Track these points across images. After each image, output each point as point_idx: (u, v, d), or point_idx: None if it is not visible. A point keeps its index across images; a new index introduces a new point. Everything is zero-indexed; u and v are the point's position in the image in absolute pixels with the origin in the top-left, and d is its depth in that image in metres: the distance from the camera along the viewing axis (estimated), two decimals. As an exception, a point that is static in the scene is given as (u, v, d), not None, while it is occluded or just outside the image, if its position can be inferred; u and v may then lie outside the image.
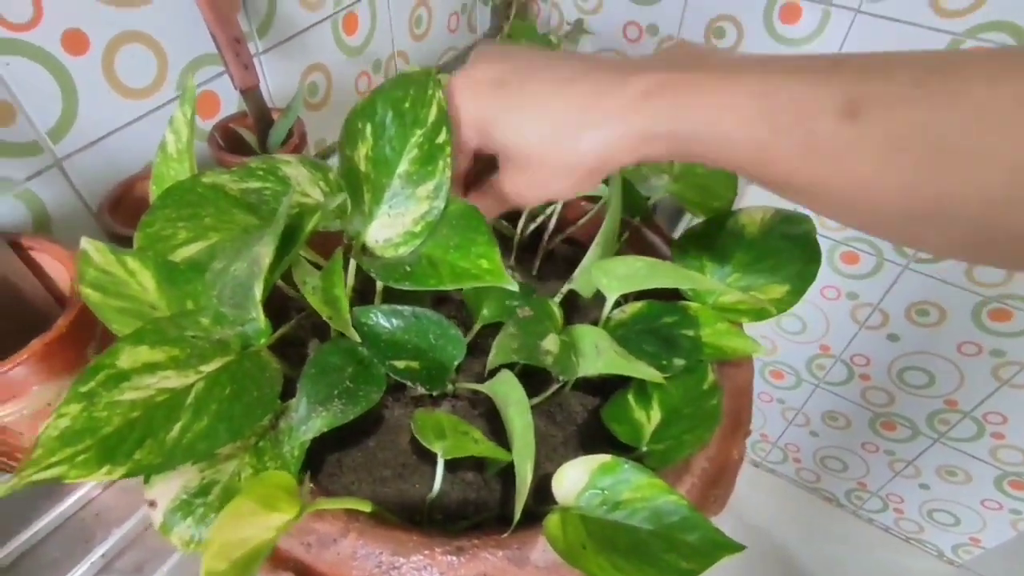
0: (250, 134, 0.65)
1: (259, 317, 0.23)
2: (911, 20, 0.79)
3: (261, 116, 0.64)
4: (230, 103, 0.68)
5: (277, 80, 0.72)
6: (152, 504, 0.24)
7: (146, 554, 0.48)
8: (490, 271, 0.28)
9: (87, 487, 0.51)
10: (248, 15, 0.66)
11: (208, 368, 0.24)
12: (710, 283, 0.29)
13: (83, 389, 0.20)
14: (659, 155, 0.26)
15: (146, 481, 0.24)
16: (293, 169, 0.35)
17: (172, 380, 0.22)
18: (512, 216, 0.44)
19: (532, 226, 0.44)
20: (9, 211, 0.51)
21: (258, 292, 0.23)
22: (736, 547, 0.25)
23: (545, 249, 0.45)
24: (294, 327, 0.35)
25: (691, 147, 0.25)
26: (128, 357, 0.21)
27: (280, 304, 0.37)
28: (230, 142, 0.64)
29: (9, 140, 0.49)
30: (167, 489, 0.24)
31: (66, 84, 0.52)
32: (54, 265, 0.48)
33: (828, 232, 1.07)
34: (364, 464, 0.34)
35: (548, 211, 0.44)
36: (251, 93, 0.63)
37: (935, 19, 0.77)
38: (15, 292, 0.46)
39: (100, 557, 0.48)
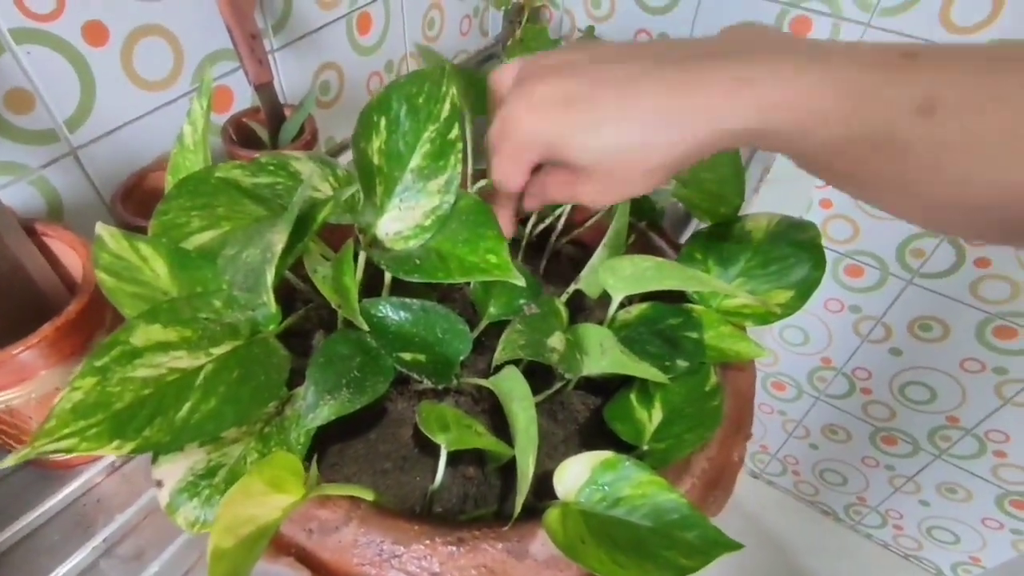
0: (262, 129, 0.66)
1: (270, 302, 0.23)
2: (921, 36, 0.79)
3: (274, 112, 0.65)
4: (244, 98, 0.69)
5: (290, 77, 0.73)
6: (159, 484, 0.25)
7: (146, 541, 0.48)
8: (498, 266, 0.28)
9: (90, 473, 0.52)
10: (264, 12, 0.66)
11: (218, 351, 0.24)
12: (717, 284, 0.29)
13: (98, 363, 0.20)
14: (733, 147, 0.25)
15: (154, 461, 0.25)
16: (303, 165, 0.35)
17: (183, 360, 0.23)
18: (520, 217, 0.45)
19: (540, 227, 0.45)
20: (24, 197, 0.52)
21: (270, 277, 0.23)
22: (735, 545, 0.25)
23: (551, 250, 0.45)
24: (301, 318, 0.36)
25: (765, 141, 0.24)
26: (142, 335, 0.22)
27: (287, 296, 0.38)
28: (242, 136, 0.65)
29: (27, 127, 0.50)
30: (174, 469, 0.25)
31: (84, 74, 0.52)
32: (66, 252, 0.48)
33: (833, 245, 1.07)
34: (365, 456, 0.34)
35: (556, 212, 0.45)
36: (265, 89, 0.63)
37: (945, 35, 0.78)
38: (27, 277, 0.46)
39: (101, 542, 0.48)
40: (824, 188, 1.00)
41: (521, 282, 0.28)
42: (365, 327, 0.29)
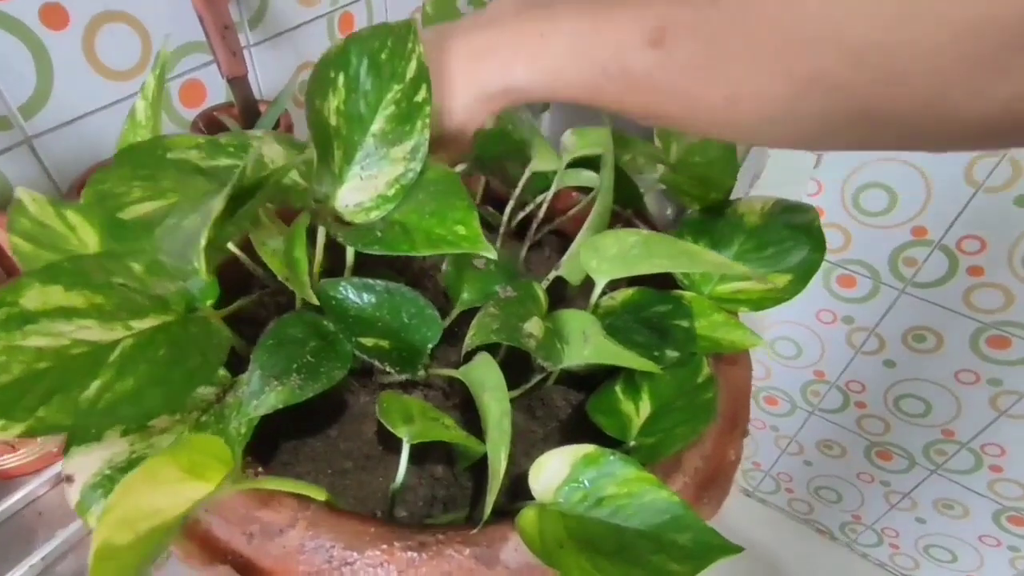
0: (235, 124, 0.63)
1: (201, 268, 0.20)
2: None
3: (247, 106, 0.62)
4: (217, 94, 0.66)
5: (267, 74, 0.70)
6: (69, 479, 0.21)
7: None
8: (467, 238, 0.25)
9: (33, 484, 0.48)
10: (240, 5, 0.64)
11: (141, 325, 0.21)
12: (712, 257, 0.27)
13: (-21, 327, 0.17)
14: (511, 104, 0.29)
15: (65, 452, 0.22)
16: (265, 145, 0.32)
17: (93, 332, 0.20)
18: (499, 204, 0.42)
19: (520, 215, 0.42)
20: (-29, 187, 0.49)
21: (203, 239, 0.20)
22: (733, 549, 0.22)
23: (532, 239, 0.42)
24: (254, 303, 0.32)
25: (529, 95, 0.28)
26: (37, 296, 0.19)
27: (242, 280, 0.35)
28: (213, 131, 0.62)
29: (-24, 112, 0.47)
30: (88, 462, 0.21)
31: (42, 59, 0.50)
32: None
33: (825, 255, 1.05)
34: (323, 454, 0.31)
35: (537, 200, 0.42)
36: (238, 82, 0.61)
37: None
38: (-33, 268, 0.43)
39: (40, 560, 0.44)
40: (816, 195, 0.99)
41: (492, 254, 0.25)
42: (315, 300, 0.26)
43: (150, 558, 0.16)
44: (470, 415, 0.33)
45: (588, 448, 0.25)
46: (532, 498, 0.26)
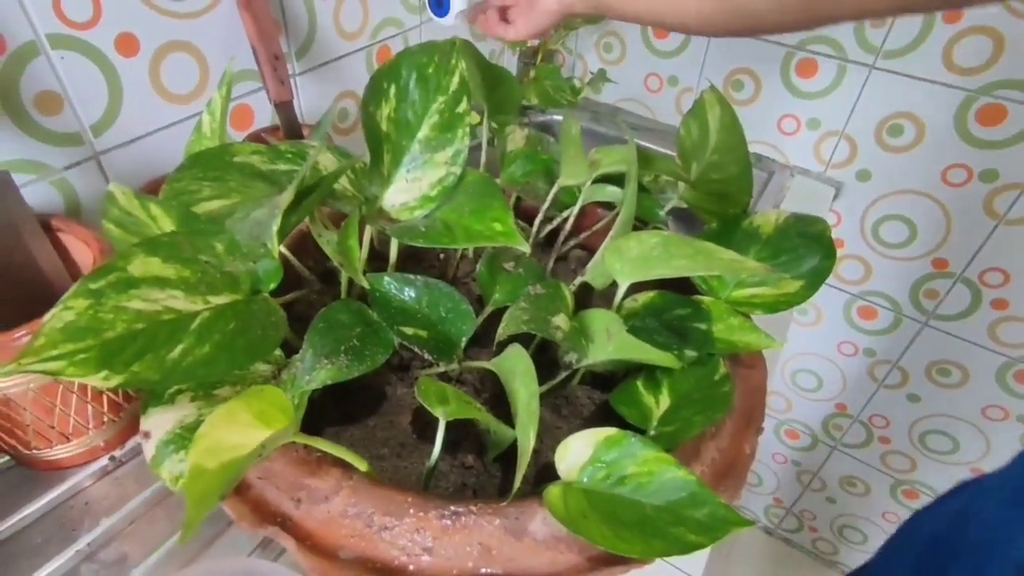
0: (280, 146, 0.68)
1: (274, 248, 0.23)
2: (925, 76, 0.81)
3: (292, 129, 0.67)
4: (264, 118, 0.71)
5: (310, 101, 0.75)
6: (146, 436, 0.24)
7: (130, 547, 0.46)
8: (503, 233, 0.28)
9: (79, 476, 0.50)
10: (288, 37, 0.70)
11: (217, 300, 0.24)
12: (728, 255, 0.29)
13: (93, 286, 0.20)
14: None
15: (144, 411, 0.24)
16: (320, 154, 0.36)
17: (180, 302, 0.22)
18: (528, 218, 0.45)
19: (547, 228, 0.45)
20: (44, 196, 0.53)
21: (275, 226, 0.23)
22: (746, 522, 0.24)
23: (559, 252, 0.45)
24: (304, 299, 0.35)
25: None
26: (140, 265, 0.21)
27: (293, 283, 0.37)
28: (260, 152, 0.66)
29: (54, 129, 0.52)
30: (163, 421, 0.24)
31: (113, 83, 0.55)
32: (78, 246, 0.49)
33: (845, 286, 1.06)
34: (362, 441, 0.33)
35: (564, 215, 0.45)
36: (284, 107, 0.66)
37: (948, 76, 0.80)
38: (37, 269, 0.47)
39: (85, 546, 0.46)
40: (836, 227, 1.00)
41: (526, 248, 0.28)
42: (365, 283, 0.29)
43: (229, 485, 0.18)
44: (500, 409, 0.35)
45: (610, 431, 0.27)
46: (558, 478, 0.28)
